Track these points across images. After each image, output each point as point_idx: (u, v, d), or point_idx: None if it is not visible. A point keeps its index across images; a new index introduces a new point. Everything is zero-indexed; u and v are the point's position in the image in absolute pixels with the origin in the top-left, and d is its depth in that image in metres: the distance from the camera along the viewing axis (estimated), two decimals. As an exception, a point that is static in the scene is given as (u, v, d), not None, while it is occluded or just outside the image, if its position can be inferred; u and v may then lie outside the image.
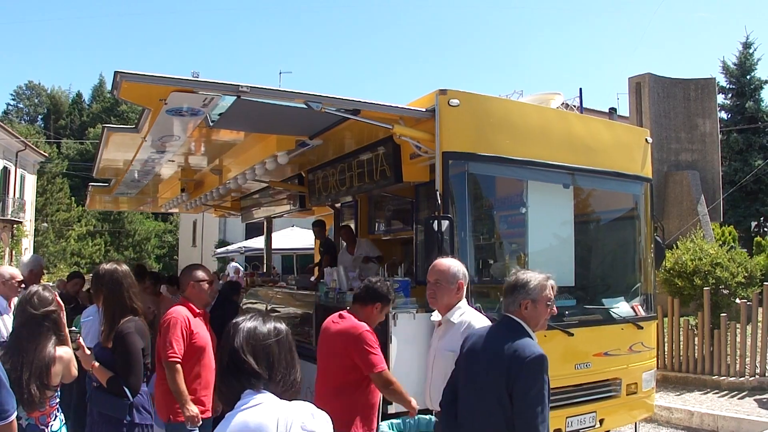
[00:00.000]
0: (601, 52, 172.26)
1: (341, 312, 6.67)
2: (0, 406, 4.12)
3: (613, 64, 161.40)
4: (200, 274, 7.05)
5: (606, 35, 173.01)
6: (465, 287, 6.02)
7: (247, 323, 3.25)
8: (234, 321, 3.35)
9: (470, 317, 5.86)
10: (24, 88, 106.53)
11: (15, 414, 4.29)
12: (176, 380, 6.44)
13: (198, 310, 6.95)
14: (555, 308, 5.13)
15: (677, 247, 17.48)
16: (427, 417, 6.10)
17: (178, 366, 6.47)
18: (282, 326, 3.34)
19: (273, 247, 20.50)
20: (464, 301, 6.01)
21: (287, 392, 3.18)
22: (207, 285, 7.09)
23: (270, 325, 3.28)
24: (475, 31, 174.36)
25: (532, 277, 5.07)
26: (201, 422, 6.51)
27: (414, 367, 7.13)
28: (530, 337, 4.93)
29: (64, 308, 5.69)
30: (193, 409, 6.47)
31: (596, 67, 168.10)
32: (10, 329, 6.85)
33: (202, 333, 6.84)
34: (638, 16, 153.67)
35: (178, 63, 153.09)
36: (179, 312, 6.70)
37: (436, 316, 6.11)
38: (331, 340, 6.44)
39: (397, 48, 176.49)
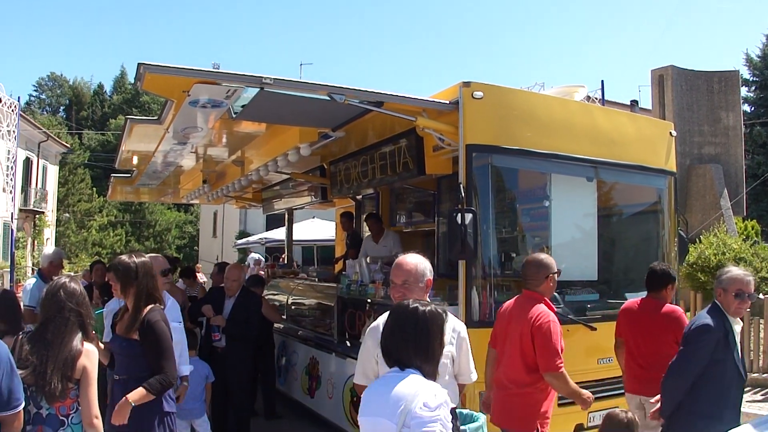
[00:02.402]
0: (623, 44, 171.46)
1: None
2: (13, 394, 4.13)
3: (635, 57, 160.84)
4: (553, 264, 6.77)
5: (628, 27, 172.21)
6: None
7: (410, 320, 4.11)
8: (399, 309, 4.29)
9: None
10: (46, 79, 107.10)
11: (23, 403, 4.32)
12: (569, 384, 6.54)
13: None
14: (748, 301, 6.41)
15: (700, 242, 17.43)
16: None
17: (565, 372, 6.49)
18: (441, 321, 4.18)
19: (294, 238, 20.52)
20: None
21: (429, 375, 3.99)
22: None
23: (431, 323, 4.09)
24: (496, 22, 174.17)
25: (729, 270, 6.54)
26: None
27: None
28: (725, 315, 6.34)
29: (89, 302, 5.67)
30: (586, 392, 6.75)
31: (618, 59, 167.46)
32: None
33: None
34: (660, 7, 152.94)
35: (197, 55, 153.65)
36: (551, 314, 6.57)
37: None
38: (651, 321, 7.57)
39: (418, 39, 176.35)
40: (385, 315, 5.67)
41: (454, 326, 5.58)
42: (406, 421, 3.72)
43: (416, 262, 5.55)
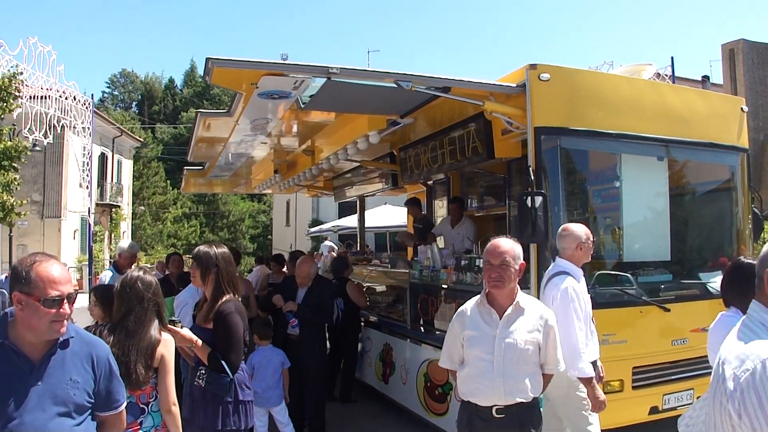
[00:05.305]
0: (693, 19, 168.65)
1: None
2: (111, 396, 4.20)
3: (706, 31, 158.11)
4: None
5: (698, 1, 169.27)
6: None
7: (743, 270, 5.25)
8: (736, 263, 5.51)
9: (534, 300, 5.80)
10: (118, 76, 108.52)
11: (125, 403, 4.38)
12: None
13: None
14: None
15: (776, 218, 17.12)
16: None
17: None
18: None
19: (366, 225, 20.62)
20: None
21: None
22: None
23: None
24: (563, 2, 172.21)
25: None
26: None
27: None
28: None
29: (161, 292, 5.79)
30: None
31: (688, 34, 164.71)
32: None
33: None
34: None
35: (266, 44, 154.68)
36: None
37: (484, 305, 5.56)
38: None
39: (484, 22, 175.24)
40: (474, 299, 5.69)
41: (541, 314, 5.55)
42: None
43: (512, 244, 5.49)
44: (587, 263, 7.01)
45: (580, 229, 6.88)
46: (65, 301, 3.72)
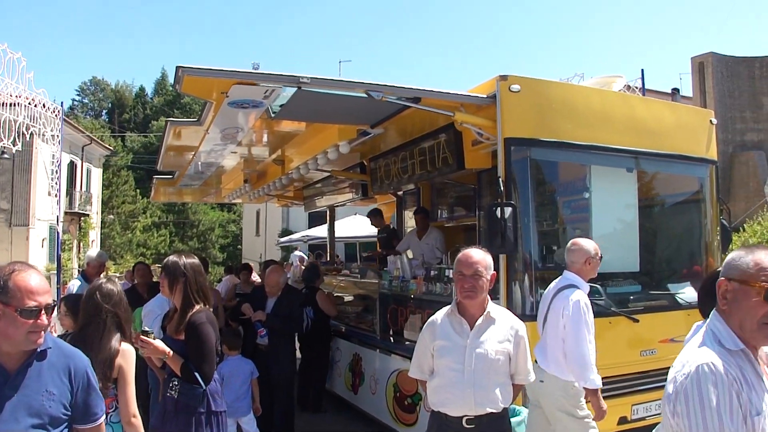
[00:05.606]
0: (663, 31, 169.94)
1: None
2: (89, 408, 4.16)
3: (676, 44, 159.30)
4: None
5: (667, 14, 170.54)
6: None
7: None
8: (711, 275, 4.70)
9: (504, 310, 5.77)
10: (88, 83, 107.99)
11: (103, 416, 4.33)
12: None
13: None
14: None
15: (744, 230, 17.22)
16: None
17: None
18: None
19: (336, 235, 20.61)
20: None
21: None
22: None
23: None
24: (534, 13, 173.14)
25: None
26: None
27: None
28: None
29: (127, 302, 5.76)
30: None
31: (658, 46, 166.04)
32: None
33: None
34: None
35: (238, 53, 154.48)
36: None
37: (454, 315, 5.54)
38: None
39: (456, 33, 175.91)
40: (444, 309, 5.67)
41: (512, 324, 5.54)
42: None
43: (484, 255, 5.48)
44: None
45: (589, 245, 7.03)
46: (43, 311, 3.68)
